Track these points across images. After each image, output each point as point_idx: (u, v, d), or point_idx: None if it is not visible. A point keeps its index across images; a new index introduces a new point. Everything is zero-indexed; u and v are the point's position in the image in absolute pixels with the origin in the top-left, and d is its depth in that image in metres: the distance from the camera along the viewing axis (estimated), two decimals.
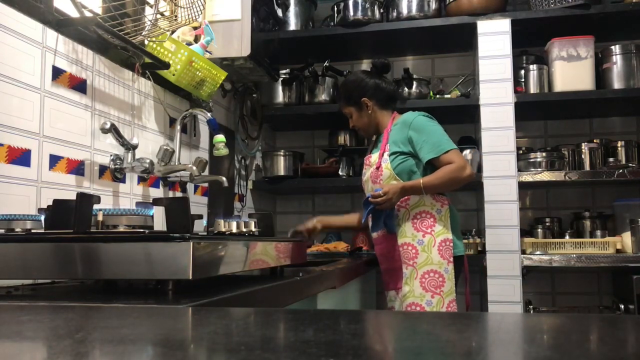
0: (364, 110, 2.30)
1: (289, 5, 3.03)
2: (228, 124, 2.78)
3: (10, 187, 1.39)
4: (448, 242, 2.14)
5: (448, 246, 2.14)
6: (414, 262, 2.13)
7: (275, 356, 0.48)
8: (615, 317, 0.74)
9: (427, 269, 2.11)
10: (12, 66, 1.41)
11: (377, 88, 2.30)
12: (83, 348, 0.53)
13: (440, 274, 2.11)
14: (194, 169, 1.95)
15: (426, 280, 2.11)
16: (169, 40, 1.97)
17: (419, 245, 2.14)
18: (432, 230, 2.14)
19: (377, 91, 2.29)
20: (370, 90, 2.29)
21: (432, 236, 2.14)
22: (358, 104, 2.30)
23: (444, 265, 2.11)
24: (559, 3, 2.75)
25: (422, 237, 2.14)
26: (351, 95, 2.31)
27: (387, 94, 2.31)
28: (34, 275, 1.11)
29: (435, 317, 0.82)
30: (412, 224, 2.16)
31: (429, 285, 2.10)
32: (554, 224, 3.03)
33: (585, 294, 3.05)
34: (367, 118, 2.31)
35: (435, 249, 2.13)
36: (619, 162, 2.81)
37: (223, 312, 0.80)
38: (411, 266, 2.13)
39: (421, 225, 2.16)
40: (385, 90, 2.31)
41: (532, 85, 2.83)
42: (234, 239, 1.16)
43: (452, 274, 2.12)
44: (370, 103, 2.28)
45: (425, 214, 2.16)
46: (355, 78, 2.36)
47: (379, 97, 2.30)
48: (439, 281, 2.10)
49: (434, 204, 2.17)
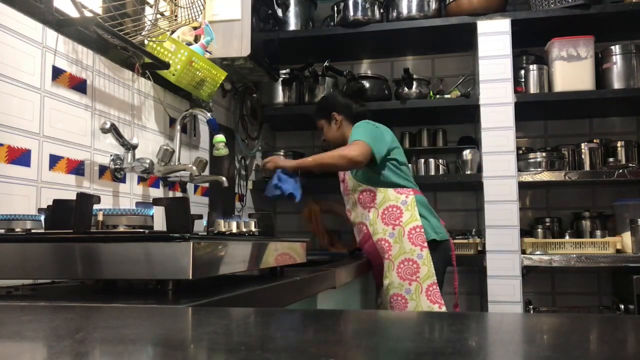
0: (333, 124, 2.50)
1: (289, 5, 3.03)
2: (228, 124, 2.78)
3: (10, 187, 1.39)
4: (418, 229, 2.24)
5: (419, 232, 2.23)
6: (389, 254, 2.25)
7: (275, 356, 0.48)
8: (615, 317, 0.74)
9: (402, 258, 2.22)
10: (12, 66, 1.41)
11: (347, 106, 2.50)
12: (83, 348, 0.53)
13: (413, 260, 2.21)
14: (194, 169, 1.95)
15: (402, 269, 2.21)
16: (169, 40, 1.97)
17: (391, 238, 2.26)
18: (400, 221, 2.26)
19: (346, 109, 2.49)
20: (340, 107, 2.50)
21: (401, 227, 2.25)
22: (328, 117, 2.51)
23: (417, 252, 2.21)
24: (559, 3, 2.74)
25: (393, 230, 2.26)
26: (323, 109, 2.54)
27: (356, 113, 2.49)
28: (34, 275, 1.11)
29: (435, 317, 0.81)
30: (382, 220, 2.29)
31: (405, 274, 2.21)
32: (554, 224, 3.03)
33: (585, 294, 3.05)
34: (335, 132, 2.51)
35: (406, 238, 2.23)
36: (619, 162, 2.81)
37: (223, 312, 0.80)
38: (387, 259, 2.25)
39: (389, 219, 2.28)
40: (353, 109, 2.50)
41: (532, 85, 2.83)
42: (234, 239, 1.15)
43: (427, 259, 2.21)
44: (339, 117, 2.48)
45: (392, 208, 2.29)
46: (329, 95, 2.67)
47: (347, 114, 2.49)
48: (414, 268, 2.20)
49: (398, 197, 2.30)
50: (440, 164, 3.00)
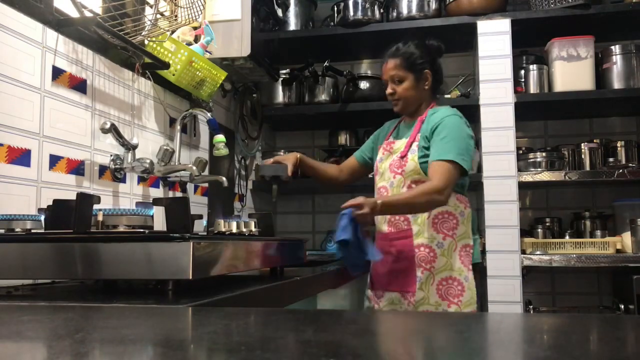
0: (421, 83, 2.06)
1: (289, 5, 3.03)
2: (228, 124, 2.78)
3: (10, 187, 1.39)
4: (469, 249, 1.97)
5: (468, 252, 1.96)
6: (432, 266, 1.94)
7: (275, 356, 0.48)
8: (615, 317, 0.74)
9: (446, 275, 1.94)
10: (12, 66, 1.41)
11: (439, 70, 2.13)
12: (83, 348, 0.53)
13: (459, 281, 1.93)
14: (194, 169, 1.95)
15: (444, 287, 1.93)
16: (169, 40, 1.97)
17: (438, 249, 1.95)
18: (454, 233, 1.97)
19: (438, 72, 2.12)
20: (435, 67, 2.10)
21: (453, 240, 1.96)
22: (420, 72, 2.06)
23: (464, 273, 1.93)
24: (559, 3, 2.74)
25: (442, 240, 1.95)
26: (417, 60, 2.06)
27: (441, 80, 2.15)
28: (34, 275, 1.11)
29: (435, 317, 0.81)
30: (432, 225, 1.97)
31: (446, 294, 1.93)
32: (554, 224, 3.03)
33: (585, 294, 3.05)
34: (417, 92, 2.07)
35: (457, 254, 1.95)
36: (619, 162, 2.81)
37: (223, 312, 0.80)
38: (427, 270, 1.94)
39: (442, 226, 1.97)
40: (442, 75, 2.15)
41: (532, 85, 2.83)
42: (234, 239, 1.15)
43: (472, 283, 1.94)
44: (430, 79, 2.07)
45: (448, 215, 1.98)
46: (426, 49, 2.11)
47: (437, 77, 2.11)
48: (458, 290, 1.93)
49: (458, 205, 2.00)
50: None
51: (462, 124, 2.00)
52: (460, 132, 1.96)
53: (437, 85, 2.13)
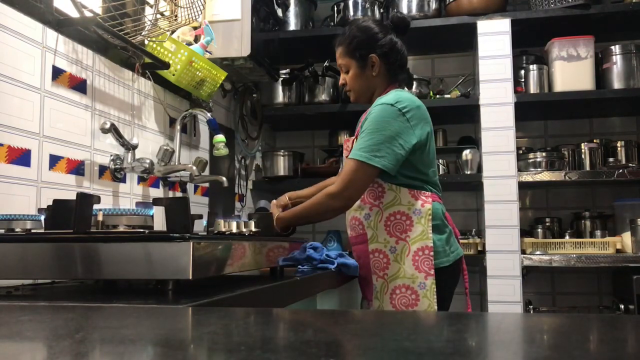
0: (367, 70, 1.82)
1: (289, 5, 3.03)
2: (228, 124, 2.78)
3: (10, 187, 1.39)
4: (427, 251, 1.71)
5: (427, 255, 1.71)
6: (384, 273, 1.75)
7: (275, 356, 0.48)
8: (615, 317, 0.74)
9: (399, 283, 1.72)
10: (12, 66, 1.41)
11: (393, 48, 1.82)
12: (83, 348, 0.53)
13: (413, 290, 1.70)
14: (194, 169, 1.95)
15: (397, 296, 1.72)
16: (169, 40, 1.97)
17: (391, 254, 1.74)
18: (407, 235, 1.73)
19: (391, 52, 1.82)
20: (384, 48, 1.81)
21: (406, 243, 1.72)
22: (363, 58, 1.81)
23: (419, 280, 1.70)
24: (559, 3, 2.74)
25: (395, 244, 1.74)
26: (359, 45, 1.81)
27: (400, 59, 1.85)
28: (34, 275, 1.11)
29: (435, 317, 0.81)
30: (385, 227, 1.75)
31: (399, 303, 1.72)
32: (554, 224, 3.03)
33: (585, 294, 3.05)
34: (366, 81, 1.83)
35: (409, 259, 1.72)
36: (619, 162, 2.81)
37: (223, 312, 0.80)
38: (381, 278, 1.75)
39: (395, 229, 1.74)
40: (400, 53, 1.84)
41: (532, 85, 2.83)
42: (234, 239, 1.15)
43: (430, 290, 1.70)
44: (378, 63, 1.81)
45: (400, 216, 1.74)
46: (369, 26, 1.83)
47: (390, 59, 1.82)
48: (412, 299, 1.71)
49: (412, 203, 1.74)
50: (440, 164, 3.00)
51: (389, 113, 1.70)
52: (381, 123, 1.69)
53: (393, 67, 1.84)
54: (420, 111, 1.76)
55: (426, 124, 1.78)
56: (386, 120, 1.69)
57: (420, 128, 1.73)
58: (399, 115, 1.69)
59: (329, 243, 2.91)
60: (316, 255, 1.62)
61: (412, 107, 1.73)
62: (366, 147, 1.67)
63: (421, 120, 1.75)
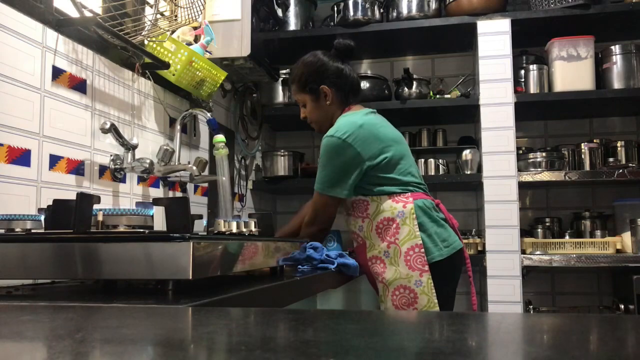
0: (321, 101, 1.95)
1: (289, 5, 3.03)
2: (228, 124, 2.78)
3: (10, 187, 1.39)
4: (417, 249, 1.79)
5: (418, 253, 1.79)
6: (382, 277, 1.85)
7: (275, 356, 0.48)
8: (615, 317, 0.74)
9: (397, 284, 1.81)
10: (12, 66, 1.41)
11: (340, 75, 1.94)
12: (83, 348, 0.53)
13: (410, 289, 1.79)
14: (194, 169, 1.95)
15: (397, 297, 1.82)
16: (169, 40, 1.97)
17: (386, 258, 1.84)
18: (396, 238, 1.82)
19: (339, 79, 1.94)
20: (332, 77, 1.94)
21: (396, 245, 1.82)
22: (315, 91, 1.95)
23: (414, 278, 1.79)
24: (559, 3, 2.75)
25: (388, 248, 1.83)
26: (308, 80, 1.94)
27: (351, 84, 1.96)
28: (34, 275, 1.11)
29: (435, 317, 0.81)
30: (377, 234, 1.86)
31: (400, 303, 1.82)
32: (554, 224, 3.03)
33: (585, 294, 3.05)
34: (323, 110, 1.97)
35: (402, 260, 1.80)
36: (619, 162, 2.81)
37: (223, 312, 0.80)
38: (381, 282, 1.86)
39: (385, 234, 1.84)
40: (349, 78, 1.96)
41: (532, 85, 2.83)
42: (234, 239, 1.15)
43: (427, 286, 1.78)
44: (330, 92, 1.94)
45: (387, 221, 1.84)
46: (315, 60, 1.97)
47: (340, 86, 1.94)
48: (411, 297, 1.79)
49: (394, 207, 1.83)
50: (440, 164, 3.00)
51: (332, 146, 1.84)
52: (327, 158, 1.86)
53: (345, 92, 1.96)
54: (363, 130, 1.84)
55: (375, 139, 1.86)
56: (330, 153, 1.85)
57: (368, 145, 1.83)
58: (340, 144, 1.82)
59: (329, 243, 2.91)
60: (316, 255, 1.64)
61: (352, 130, 1.83)
62: (320, 181, 1.88)
63: (367, 138, 1.84)
